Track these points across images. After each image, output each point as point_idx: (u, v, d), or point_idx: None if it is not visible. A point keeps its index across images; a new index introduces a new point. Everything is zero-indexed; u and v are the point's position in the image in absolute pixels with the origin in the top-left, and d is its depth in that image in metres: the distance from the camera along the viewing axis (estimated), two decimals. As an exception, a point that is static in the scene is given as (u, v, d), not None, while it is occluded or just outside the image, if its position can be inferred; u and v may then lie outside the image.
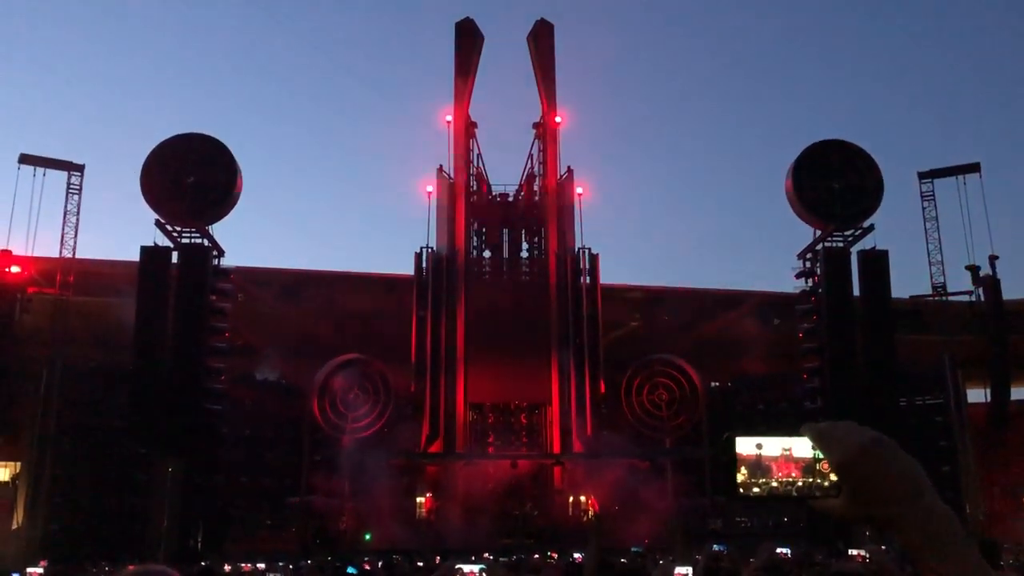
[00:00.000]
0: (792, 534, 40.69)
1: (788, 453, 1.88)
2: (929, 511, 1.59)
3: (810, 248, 53.91)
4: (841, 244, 53.21)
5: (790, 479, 1.86)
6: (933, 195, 58.84)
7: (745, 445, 1.92)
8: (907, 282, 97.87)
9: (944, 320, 55.96)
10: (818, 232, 53.46)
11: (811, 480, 1.84)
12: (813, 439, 1.77)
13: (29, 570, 17.66)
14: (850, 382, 49.52)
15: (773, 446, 1.89)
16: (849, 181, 52.20)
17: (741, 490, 1.89)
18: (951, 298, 58.71)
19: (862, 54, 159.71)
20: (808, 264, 53.93)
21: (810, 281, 53.70)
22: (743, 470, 1.90)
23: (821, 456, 1.80)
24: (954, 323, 56.26)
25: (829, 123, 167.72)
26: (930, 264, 58.48)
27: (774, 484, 1.87)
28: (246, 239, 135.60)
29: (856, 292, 51.85)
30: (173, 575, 2.84)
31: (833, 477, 1.76)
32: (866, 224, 52.68)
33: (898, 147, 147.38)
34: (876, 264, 51.68)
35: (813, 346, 52.48)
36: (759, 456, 1.90)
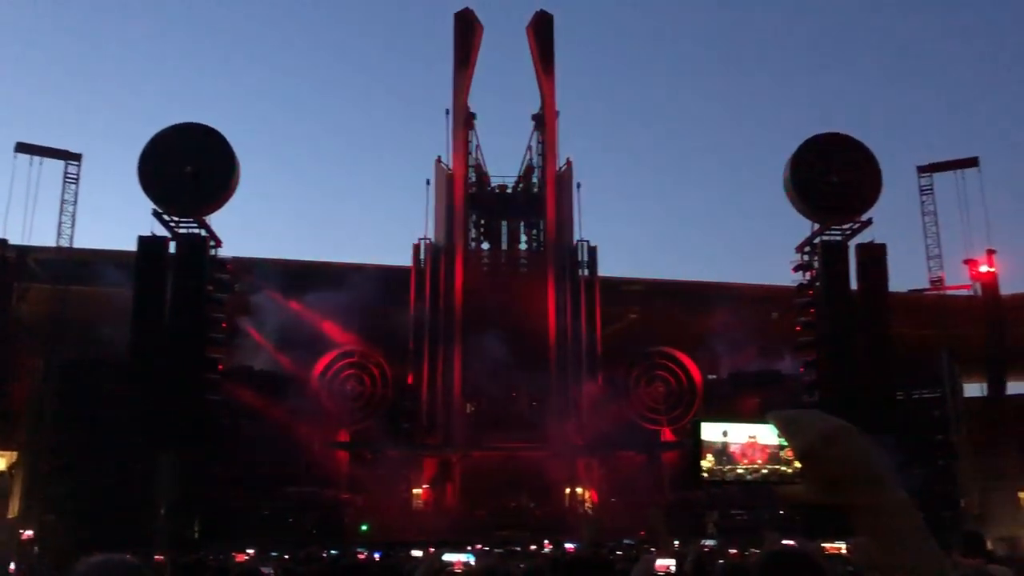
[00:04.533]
0: (788, 528, 40.68)
1: (754, 440, 1.86)
2: (888, 499, 1.57)
3: (808, 241, 53.83)
4: (839, 238, 53.14)
5: (755, 466, 1.85)
6: (932, 189, 58.80)
7: (711, 432, 1.90)
8: (905, 276, 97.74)
9: (942, 314, 55.97)
10: (816, 226, 53.41)
11: (776, 467, 1.83)
12: (778, 426, 1.76)
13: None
14: (847, 376, 49.47)
15: (739, 433, 1.88)
16: (847, 174, 52.03)
17: (706, 476, 1.88)
18: (949, 292, 58.76)
19: (861, 46, 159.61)
20: (806, 258, 53.87)
21: (808, 275, 53.66)
22: (709, 457, 1.89)
23: (786, 443, 1.78)
24: (952, 317, 56.28)
25: (828, 116, 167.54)
26: (928, 258, 58.54)
27: (739, 471, 1.86)
28: (243, 229, 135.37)
29: (854, 286, 51.83)
30: (135, 564, 2.80)
31: (797, 464, 1.75)
32: (864, 218, 52.62)
33: (897, 141, 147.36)
34: (874, 257, 51.60)
35: (810, 339, 52.49)
36: (725, 443, 1.88)
